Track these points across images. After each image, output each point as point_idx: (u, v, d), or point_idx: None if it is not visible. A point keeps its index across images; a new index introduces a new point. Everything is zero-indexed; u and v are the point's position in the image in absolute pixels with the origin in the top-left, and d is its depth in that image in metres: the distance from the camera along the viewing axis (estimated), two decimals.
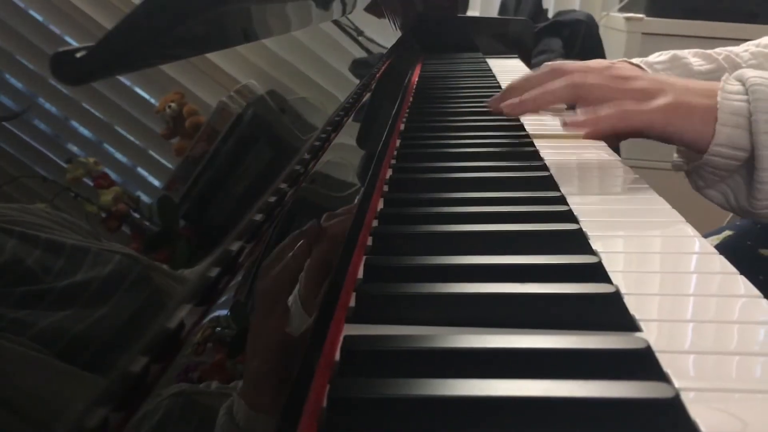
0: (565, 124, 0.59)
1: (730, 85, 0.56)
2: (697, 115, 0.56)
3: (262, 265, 0.29)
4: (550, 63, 0.78)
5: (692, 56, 0.77)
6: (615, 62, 0.77)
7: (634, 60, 0.78)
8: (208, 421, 0.21)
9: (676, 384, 0.27)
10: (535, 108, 0.63)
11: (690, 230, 0.44)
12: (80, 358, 0.18)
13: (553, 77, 0.64)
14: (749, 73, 0.57)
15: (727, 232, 0.84)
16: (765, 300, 0.34)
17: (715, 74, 0.75)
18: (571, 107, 0.71)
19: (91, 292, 0.19)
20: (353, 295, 0.34)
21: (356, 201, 0.43)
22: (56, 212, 0.20)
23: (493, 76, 1.09)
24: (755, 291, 0.35)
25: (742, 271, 0.37)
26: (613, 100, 0.58)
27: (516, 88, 0.67)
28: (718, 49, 0.77)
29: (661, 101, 0.57)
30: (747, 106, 0.54)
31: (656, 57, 0.79)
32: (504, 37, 1.49)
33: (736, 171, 0.57)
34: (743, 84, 0.56)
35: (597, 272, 0.36)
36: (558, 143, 0.62)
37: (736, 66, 0.75)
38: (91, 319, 0.19)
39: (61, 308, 0.18)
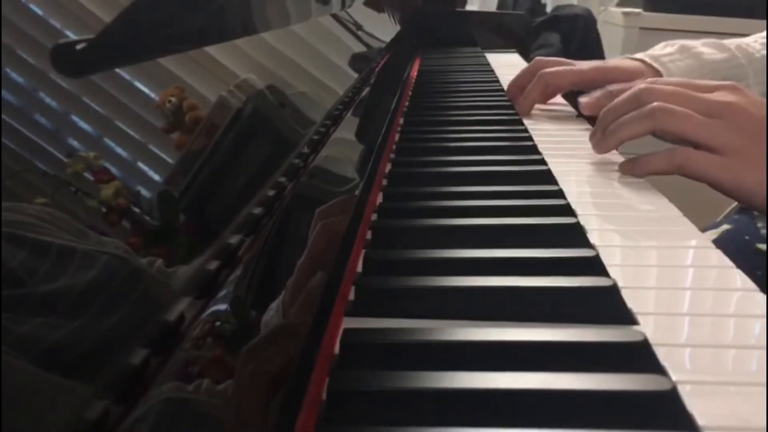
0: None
1: None
2: None
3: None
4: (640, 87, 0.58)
5: (702, 46, 0.75)
6: (610, 61, 0.76)
7: (637, 55, 0.77)
8: (208, 417, 0.21)
9: (673, 377, 0.27)
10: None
11: (687, 224, 0.44)
12: (79, 352, 0.18)
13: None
14: None
15: (725, 227, 0.84)
16: (761, 294, 0.34)
17: (729, 63, 0.74)
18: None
19: (84, 289, 0.19)
20: (352, 288, 0.35)
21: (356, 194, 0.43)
22: (42, 208, 0.20)
23: (492, 71, 1.09)
24: (751, 285, 0.35)
25: (740, 266, 0.38)
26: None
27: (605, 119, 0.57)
28: (727, 40, 0.75)
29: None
30: None
31: (662, 49, 0.76)
32: (502, 31, 1.49)
33: None
34: None
35: (594, 266, 0.36)
36: (556, 139, 0.62)
37: (749, 55, 0.74)
38: (89, 314, 0.19)
39: (56, 305, 0.18)
